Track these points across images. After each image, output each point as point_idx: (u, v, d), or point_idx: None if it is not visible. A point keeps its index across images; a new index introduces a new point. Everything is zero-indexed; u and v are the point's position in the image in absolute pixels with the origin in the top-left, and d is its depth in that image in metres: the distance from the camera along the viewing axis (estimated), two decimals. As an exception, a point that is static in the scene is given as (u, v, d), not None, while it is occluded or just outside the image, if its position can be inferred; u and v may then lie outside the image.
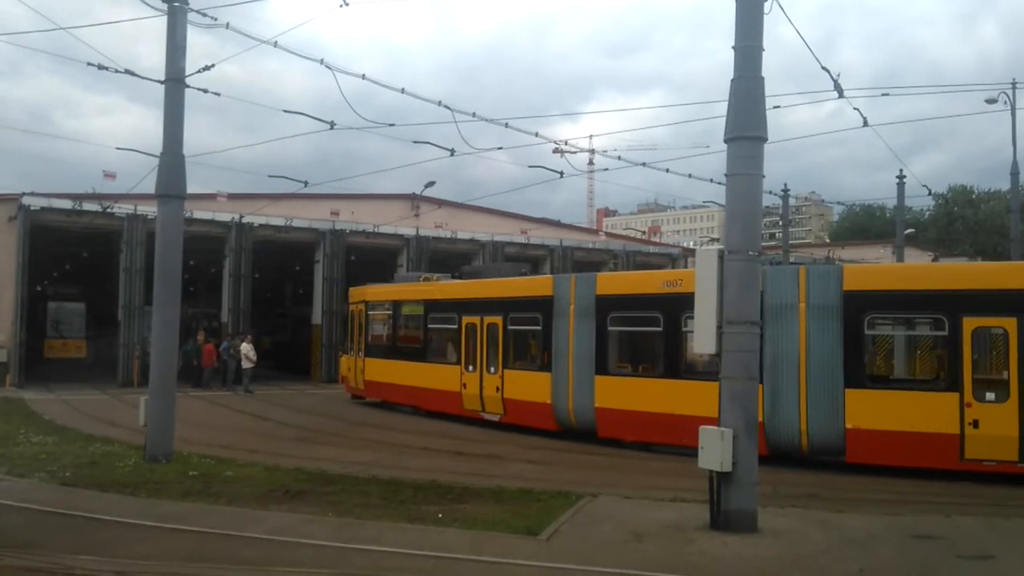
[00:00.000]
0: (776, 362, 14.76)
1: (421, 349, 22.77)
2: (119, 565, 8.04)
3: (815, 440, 14.64)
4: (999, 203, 77.75)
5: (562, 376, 17.98)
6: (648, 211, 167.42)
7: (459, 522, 10.22)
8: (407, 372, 22.87)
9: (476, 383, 20.29)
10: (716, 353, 10.15)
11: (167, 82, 14.31)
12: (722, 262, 10.10)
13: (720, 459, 9.66)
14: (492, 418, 19.84)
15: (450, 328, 21.69)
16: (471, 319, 20.66)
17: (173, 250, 14.41)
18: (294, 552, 8.71)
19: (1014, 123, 29.95)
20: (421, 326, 23.08)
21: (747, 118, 10.07)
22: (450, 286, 23.15)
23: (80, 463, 13.82)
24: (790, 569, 8.42)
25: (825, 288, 14.69)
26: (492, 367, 19.93)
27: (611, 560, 8.55)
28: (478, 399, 20.21)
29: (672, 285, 16.54)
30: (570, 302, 18.02)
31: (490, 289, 20.97)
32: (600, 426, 17.30)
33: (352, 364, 25.99)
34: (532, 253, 39.01)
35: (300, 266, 38.23)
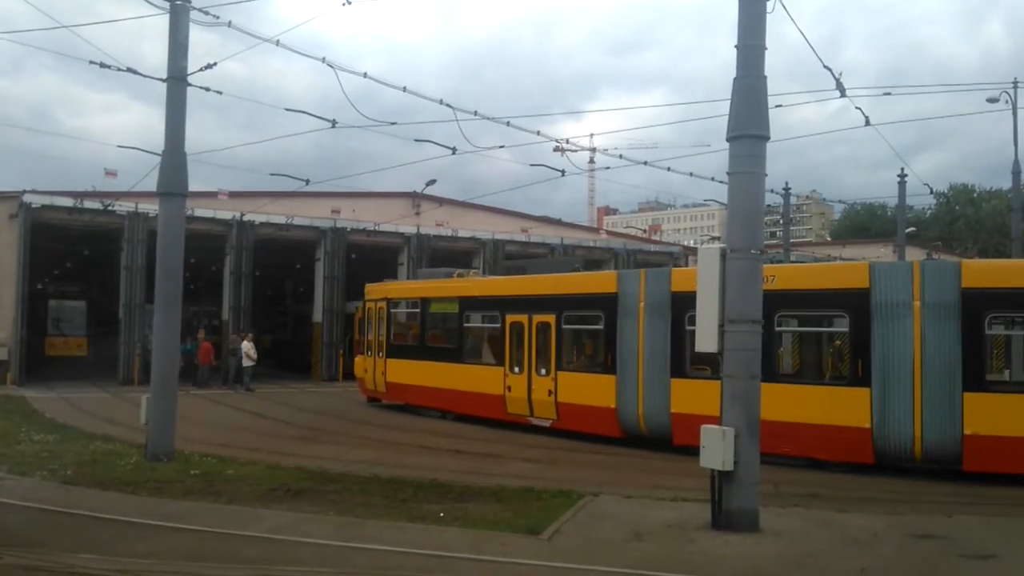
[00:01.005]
0: (887, 364, 13.95)
1: (455, 349, 21.45)
2: (120, 564, 8.03)
3: (930, 447, 13.71)
4: (1000, 202, 77.77)
5: (630, 379, 16.85)
6: (649, 209, 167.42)
7: (460, 521, 10.21)
8: (438, 374, 21.56)
9: (523, 386, 19.12)
10: (718, 352, 10.13)
11: (169, 80, 14.29)
12: (724, 260, 10.08)
13: (722, 458, 9.65)
14: (542, 423, 18.71)
15: (491, 327, 20.63)
16: (517, 317, 19.51)
17: (175, 248, 14.40)
18: (295, 551, 8.70)
19: (1015, 122, 29.90)
20: (455, 325, 21.75)
21: (749, 117, 10.06)
22: (491, 282, 22.31)
23: (81, 461, 13.81)
24: (791, 568, 8.41)
25: (942, 285, 13.81)
26: (543, 369, 18.78)
27: (612, 559, 8.54)
28: (525, 403, 19.02)
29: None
30: (639, 299, 16.89)
31: (541, 286, 19.63)
32: (676, 432, 15.96)
33: (370, 365, 24.62)
34: (533, 252, 38.98)
35: (300, 264, 38.24)
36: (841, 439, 14.15)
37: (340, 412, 23.56)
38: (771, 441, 14.28)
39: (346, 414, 23.17)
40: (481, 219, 38.68)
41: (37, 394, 26.32)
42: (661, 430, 16.32)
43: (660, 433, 16.34)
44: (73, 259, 39.21)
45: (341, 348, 34.66)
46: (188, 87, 14.62)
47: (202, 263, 38.06)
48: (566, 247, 39.88)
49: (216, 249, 33.86)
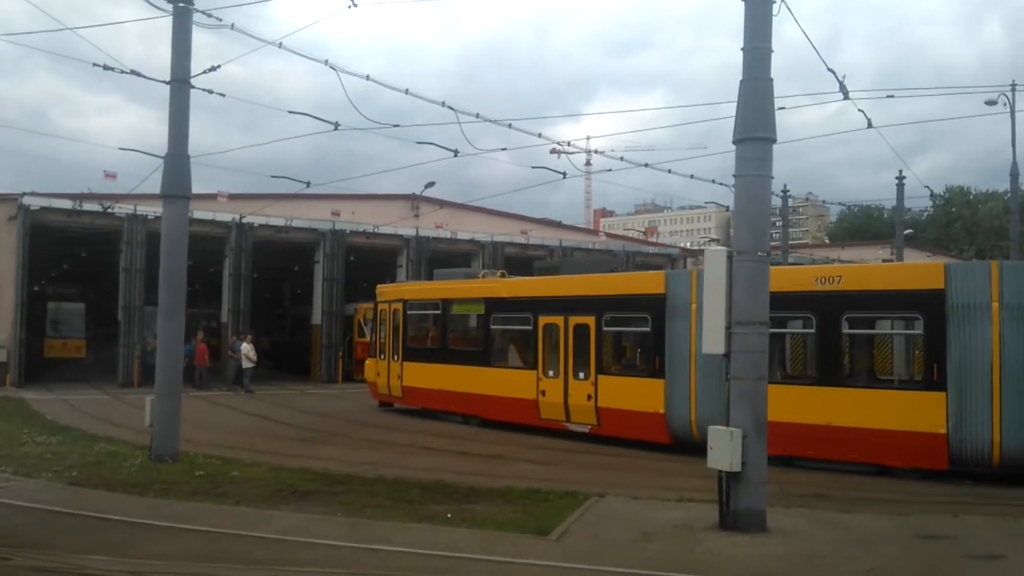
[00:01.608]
0: (963, 367, 13.46)
1: (481, 352, 20.64)
2: (132, 565, 8.04)
3: (1009, 453, 13.25)
4: (997, 204, 78.00)
5: (680, 383, 16.13)
6: (645, 212, 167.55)
7: (468, 522, 10.23)
8: (461, 378, 20.76)
9: (559, 390, 18.35)
10: (725, 354, 10.16)
11: (172, 82, 14.31)
12: (731, 263, 10.12)
13: (729, 459, 9.68)
14: (579, 429, 18.00)
15: (522, 329, 19.83)
16: (551, 319, 18.72)
17: (178, 250, 14.41)
18: (305, 552, 8.72)
19: (1013, 125, 29.98)
20: (481, 327, 20.98)
21: (756, 119, 10.09)
22: (522, 283, 21.32)
23: (86, 463, 13.81)
24: (800, 569, 8.45)
25: (1022, 285, 13.41)
26: (581, 373, 17.95)
27: (622, 560, 8.57)
28: (561, 408, 18.28)
29: (827, 282, 14.88)
30: (691, 300, 16.05)
31: (579, 286, 18.76)
32: None
33: (384, 369, 23.66)
34: (532, 254, 38.99)
35: (299, 266, 38.22)
36: (914, 445, 13.70)
37: (342, 414, 23.53)
38: (839, 448, 14.15)
39: (348, 416, 23.14)
40: (480, 221, 38.72)
41: (37, 396, 26.30)
42: None
43: None
44: (72, 261, 39.20)
45: (340, 350, 34.68)
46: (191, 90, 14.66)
47: (201, 265, 37.91)
48: (565, 249, 39.92)
49: (215, 251, 33.84)
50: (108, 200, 30.29)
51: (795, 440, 14.41)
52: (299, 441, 17.98)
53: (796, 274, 16.94)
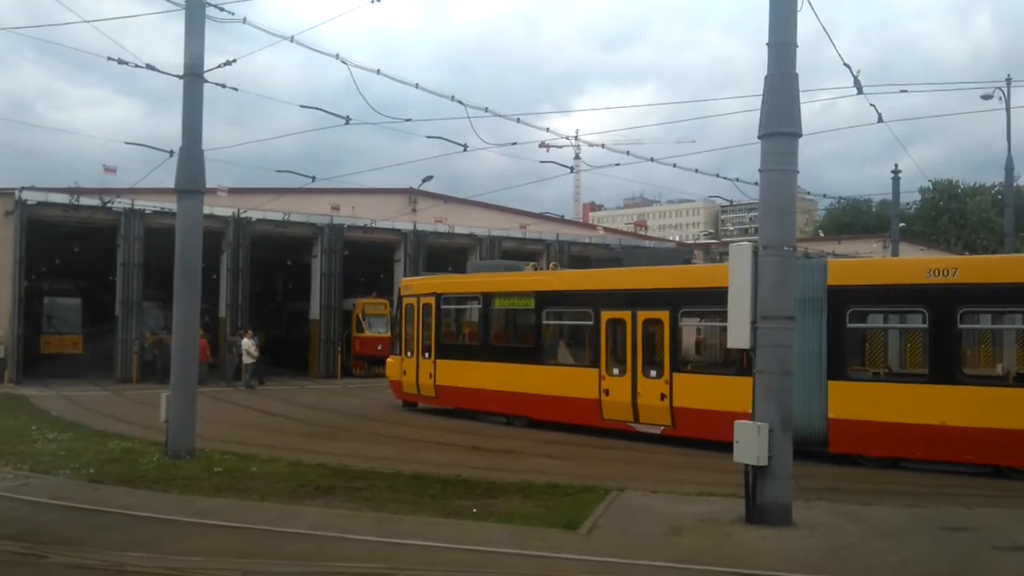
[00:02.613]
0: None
1: (531, 349, 19.64)
2: (170, 562, 8.04)
3: None
4: (984, 197, 78.62)
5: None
6: (634, 205, 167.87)
7: (494, 517, 10.26)
8: (508, 376, 19.65)
9: (625, 389, 17.37)
10: (751, 348, 10.23)
11: (185, 76, 14.25)
12: (756, 257, 10.19)
13: (756, 453, 9.76)
14: (649, 430, 17.11)
15: (581, 325, 18.96)
16: (616, 314, 17.68)
17: (193, 245, 14.37)
18: (339, 547, 8.74)
19: (1008, 119, 30.24)
20: (531, 322, 19.91)
21: (782, 114, 10.15)
22: (580, 275, 20.57)
23: (101, 460, 13.76)
24: (834, 561, 8.51)
25: None
26: (653, 371, 17.01)
27: (655, 554, 8.62)
28: (629, 408, 17.31)
29: (940, 275, 14.04)
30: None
31: (650, 279, 17.60)
32: (833, 440, 14.62)
33: (411, 367, 22.43)
34: (529, 248, 39.08)
35: (297, 261, 38.14)
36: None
37: (347, 409, 23.52)
38: (952, 449, 13.60)
39: (353, 411, 23.14)
40: (478, 215, 38.75)
41: (36, 392, 26.16)
42: (815, 437, 14.74)
43: (813, 440, 14.69)
44: (68, 256, 38.95)
45: (339, 345, 34.63)
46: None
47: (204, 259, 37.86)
48: (561, 243, 39.98)
49: (212, 246, 33.68)
50: (109, 194, 30.12)
51: (903, 441, 14.00)
52: (309, 436, 17.95)
53: (906, 266, 16.20)
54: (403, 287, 23.93)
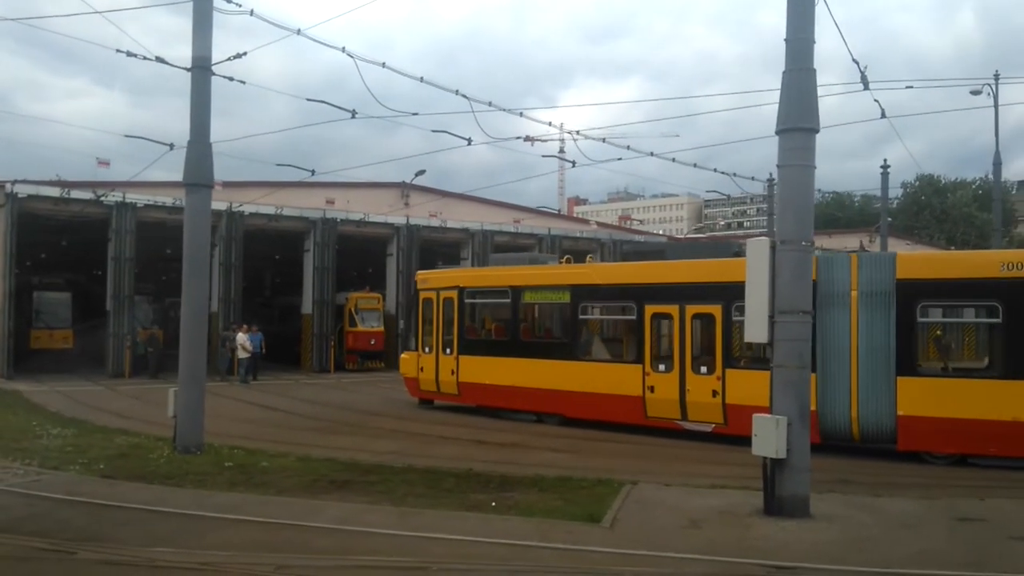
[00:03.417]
0: None
1: (567, 345, 19.09)
2: (201, 556, 8.01)
3: None
4: (966, 192, 79.38)
5: (838, 378, 14.79)
6: (619, 200, 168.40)
7: (514, 510, 10.32)
8: (541, 373, 19.01)
9: (672, 386, 16.86)
10: (768, 342, 10.32)
11: (194, 69, 14.17)
12: (774, 252, 10.27)
13: (775, 446, 9.85)
14: (699, 428, 16.63)
15: (622, 319, 18.58)
16: (662, 308, 17.16)
17: (201, 239, 14.37)
18: (366, 541, 8.75)
19: (997, 115, 30.50)
20: (566, 317, 19.27)
21: (800, 110, 10.23)
22: (622, 268, 20.20)
23: (109, 455, 13.68)
24: (857, 552, 8.61)
25: None
26: (703, 367, 16.57)
27: (679, 546, 8.70)
28: (676, 405, 16.83)
29: (1015, 268, 13.75)
30: (851, 287, 14.86)
31: (699, 272, 16.98)
32: (902, 437, 14.32)
33: (429, 363, 21.64)
34: (521, 242, 39.09)
35: (289, 255, 37.97)
36: None
37: (346, 404, 23.44)
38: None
39: (353, 406, 23.07)
40: (471, 209, 38.67)
41: (29, 387, 25.93)
42: (882, 435, 14.57)
43: (880, 438, 14.62)
44: (58, 250, 38.61)
45: (332, 339, 34.55)
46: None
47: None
48: (553, 238, 40.03)
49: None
50: (100, 188, 29.86)
51: (974, 437, 13.79)
52: (313, 431, 17.92)
53: (979, 260, 15.70)
54: (419, 280, 23.02)
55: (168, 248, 38.99)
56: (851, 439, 14.82)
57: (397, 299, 36.45)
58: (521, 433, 17.67)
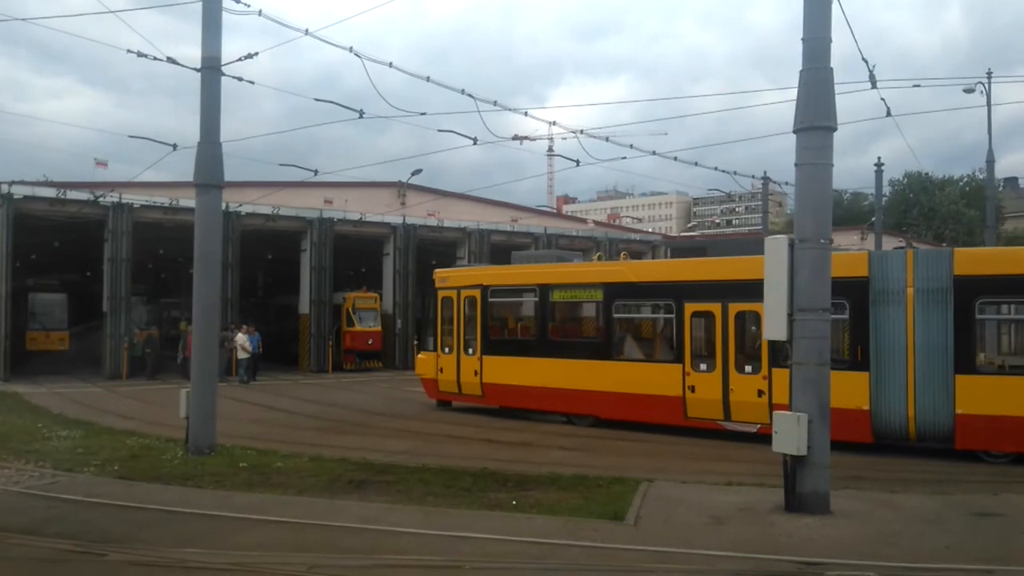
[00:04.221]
0: None
1: (600, 344, 18.55)
2: (231, 557, 8.00)
3: None
4: (954, 190, 79.90)
5: (893, 376, 14.59)
6: (608, 198, 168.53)
7: (536, 509, 10.33)
8: (572, 373, 18.59)
9: (715, 386, 16.54)
10: (787, 340, 10.39)
11: (203, 70, 14.12)
12: (792, 250, 10.33)
13: (796, 443, 9.91)
14: (743, 429, 16.20)
15: (659, 317, 18.21)
16: (703, 306, 16.81)
17: (212, 239, 14.29)
18: (395, 540, 8.74)
19: (990, 114, 30.76)
20: (599, 315, 18.84)
21: (817, 109, 10.28)
22: (659, 266, 19.77)
23: (121, 457, 13.63)
24: (883, 547, 8.65)
25: None
26: (748, 366, 16.27)
27: (706, 543, 8.72)
28: (719, 405, 16.49)
29: None
30: (906, 284, 14.61)
31: (743, 269, 15.88)
32: (960, 436, 14.08)
33: (449, 364, 21.11)
34: (518, 241, 39.13)
35: (285, 255, 37.87)
36: None
37: (349, 404, 23.38)
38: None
39: (356, 405, 23.04)
40: (467, 209, 38.67)
41: (27, 389, 25.82)
42: (939, 434, 14.35)
43: (936, 437, 14.41)
44: (54, 251, 38.42)
45: (330, 339, 34.49)
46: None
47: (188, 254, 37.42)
48: (550, 236, 40.07)
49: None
50: (102, 188, 29.74)
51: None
52: (320, 431, 17.89)
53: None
54: (438, 279, 22.29)
55: (164, 248, 39.00)
56: (906, 439, 14.65)
57: (394, 299, 36.46)
58: (530, 432, 17.70)
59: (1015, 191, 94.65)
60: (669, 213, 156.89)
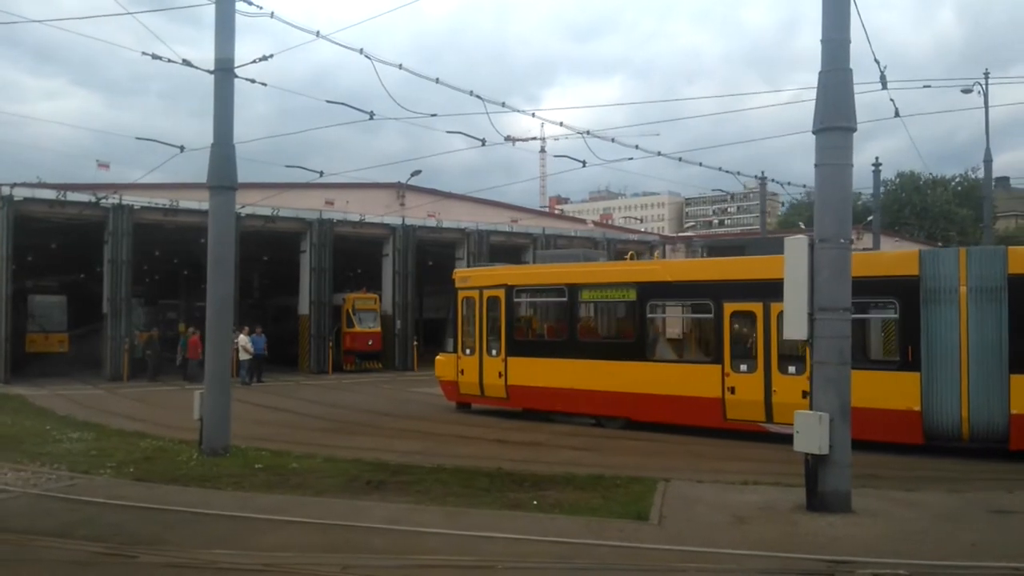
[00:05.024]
0: None
1: (632, 345, 18.20)
2: (262, 558, 8.00)
3: None
4: (945, 190, 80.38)
5: (945, 376, 14.37)
6: (600, 198, 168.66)
7: (557, 508, 10.35)
8: (603, 374, 18.18)
9: (756, 387, 16.15)
10: (807, 339, 10.45)
11: (216, 72, 14.13)
12: (812, 250, 10.39)
13: (818, 442, 9.98)
14: (787, 430, 15.32)
15: (697, 318, 18.01)
16: (743, 306, 16.40)
17: (226, 241, 14.32)
18: (422, 541, 8.74)
19: (987, 114, 31.02)
20: (631, 316, 18.50)
21: (837, 110, 10.34)
22: (696, 265, 19.49)
23: (135, 459, 13.60)
24: (909, 545, 8.68)
25: None
26: (791, 367, 15.85)
27: (733, 542, 8.75)
28: (760, 407, 16.09)
29: None
30: (959, 283, 14.39)
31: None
32: (1015, 436, 13.88)
33: (470, 366, 20.69)
34: (516, 242, 39.17)
35: (284, 256, 37.83)
36: None
37: (354, 404, 23.37)
38: None
39: (360, 406, 23.04)
40: (466, 210, 38.66)
41: (29, 392, 25.74)
42: (993, 434, 14.15)
43: (991, 438, 14.20)
44: (53, 253, 38.29)
45: (331, 340, 34.46)
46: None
47: (187, 256, 37.45)
48: (548, 237, 40.10)
49: (202, 241, 33.27)
50: (104, 190, 29.66)
51: None
52: (328, 432, 17.88)
53: None
54: (459, 279, 21.83)
55: (163, 250, 38.92)
56: (959, 439, 14.41)
57: (393, 299, 36.45)
58: (538, 432, 17.70)
59: (1007, 190, 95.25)
60: (662, 213, 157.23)
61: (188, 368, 30.06)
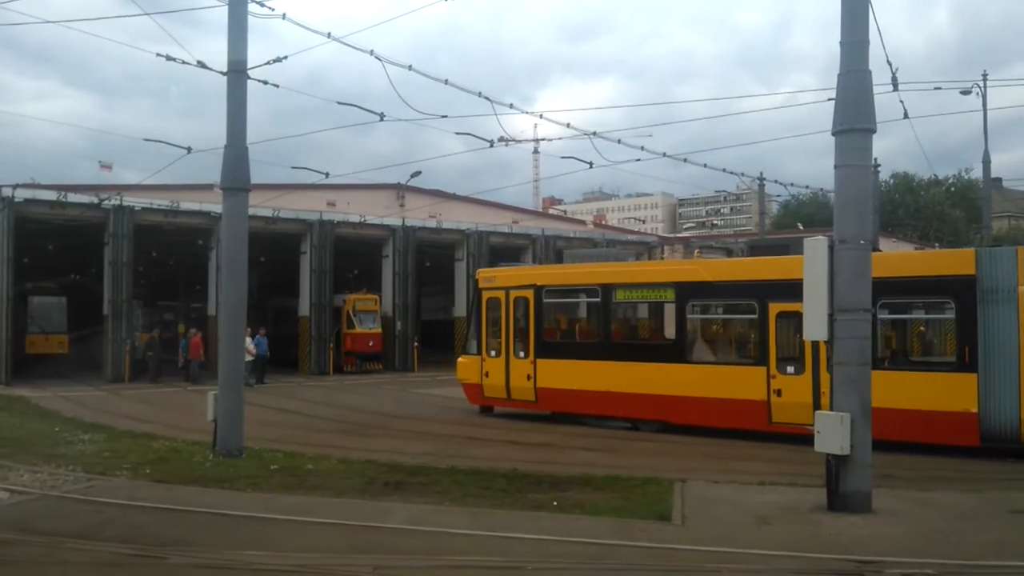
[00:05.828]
0: None
1: (671, 346, 17.80)
2: (294, 559, 7.99)
3: None
4: (939, 190, 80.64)
5: (1003, 377, 14.12)
6: (593, 199, 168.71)
7: (579, 509, 10.36)
8: (640, 377, 17.78)
9: (804, 389, 15.65)
10: (827, 340, 10.49)
11: (229, 73, 14.11)
12: (832, 252, 10.44)
13: (840, 443, 10.00)
14: None
15: (741, 319, 17.73)
16: (791, 306, 15.22)
17: (239, 242, 14.26)
18: (449, 541, 8.74)
19: (985, 115, 31.14)
20: (670, 316, 18.10)
21: (857, 111, 10.38)
22: (739, 264, 19.11)
23: (150, 460, 13.57)
24: (934, 545, 8.72)
25: None
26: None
27: (758, 542, 8.76)
28: (808, 409, 14.87)
29: None
30: (1017, 282, 14.11)
31: None
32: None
33: (496, 368, 20.22)
34: (516, 243, 39.20)
35: (285, 257, 37.79)
36: None
37: (360, 406, 23.39)
38: None
39: (365, 407, 23.07)
40: (465, 211, 38.67)
41: (31, 393, 25.72)
42: (1013, 434, 14.07)
43: (1011, 438, 14.11)
44: (53, 254, 38.18)
45: (331, 342, 34.43)
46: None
47: (187, 258, 37.35)
48: (547, 238, 40.14)
49: (203, 243, 33.29)
50: (106, 192, 29.60)
51: None
52: (340, 433, 17.88)
53: None
54: (482, 279, 21.34)
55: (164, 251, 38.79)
56: (1016, 440, 14.18)
57: (394, 300, 36.46)
58: (550, 433, 17.70)
59: (999, 191, 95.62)
60: (655, 214, 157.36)
61: (190, 369, 30.03)
